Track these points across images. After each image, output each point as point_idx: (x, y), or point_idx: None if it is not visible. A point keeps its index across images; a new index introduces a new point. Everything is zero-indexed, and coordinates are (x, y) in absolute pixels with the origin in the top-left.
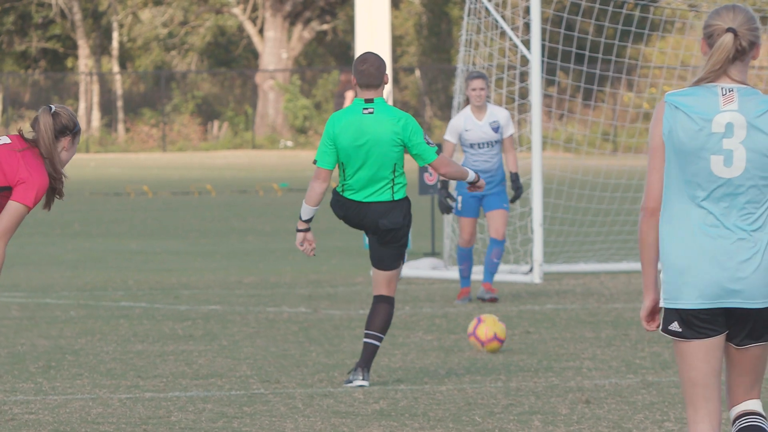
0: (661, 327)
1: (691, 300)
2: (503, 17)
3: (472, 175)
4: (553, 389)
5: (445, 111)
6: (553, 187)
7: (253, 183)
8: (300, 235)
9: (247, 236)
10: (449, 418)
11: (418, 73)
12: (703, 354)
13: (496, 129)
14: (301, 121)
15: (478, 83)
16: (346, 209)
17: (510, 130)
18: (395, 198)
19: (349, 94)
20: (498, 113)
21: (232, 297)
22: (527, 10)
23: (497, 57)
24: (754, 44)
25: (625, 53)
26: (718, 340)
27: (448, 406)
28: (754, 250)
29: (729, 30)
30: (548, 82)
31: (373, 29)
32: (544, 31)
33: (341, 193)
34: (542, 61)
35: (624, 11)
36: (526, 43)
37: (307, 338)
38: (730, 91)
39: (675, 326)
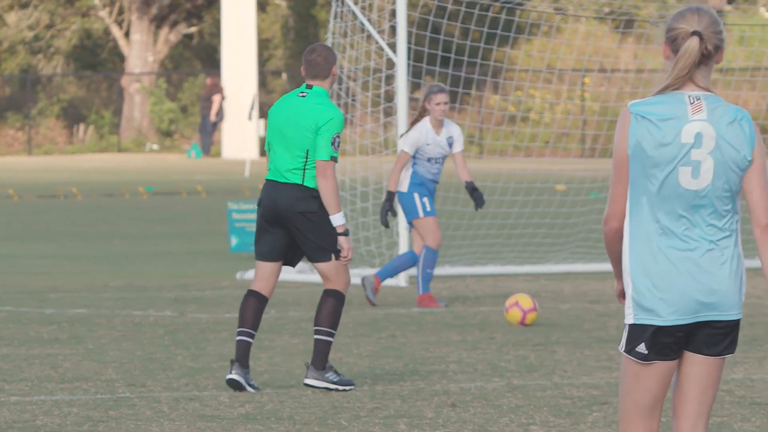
0: (623, 347)
1: (667, 316)
2: (369, 20)
3: (340, 219)
4: (419, 393)
5: None
6: None
7: (119, 186)
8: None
9: (113, 239)
10: (315, 421)
11: (285, 76)
12: (660, 376)
13: (451, 144)
14: (166, 125)
15: (442, 97)
16: (264, 191)
17: (461, 145)
18: (305, 184)
19: (216, 98)
20: (452, 129)
21: (99, 300)
22: (393, 14)
23: (363, 60)
24: (718, 48)
25: (491, 56)
26: (675, 364)
27: (314, 410)
28: (722, 260)
29: (694, 33)
30: (414, 85)
31: (239, 32)
32: (410, 34)
33: (267, 177)
34: (408, 64)
35: (490, 14)
36: (392, 46)
37: (174, 342)
38: (698, 100)
39: (642, 348)
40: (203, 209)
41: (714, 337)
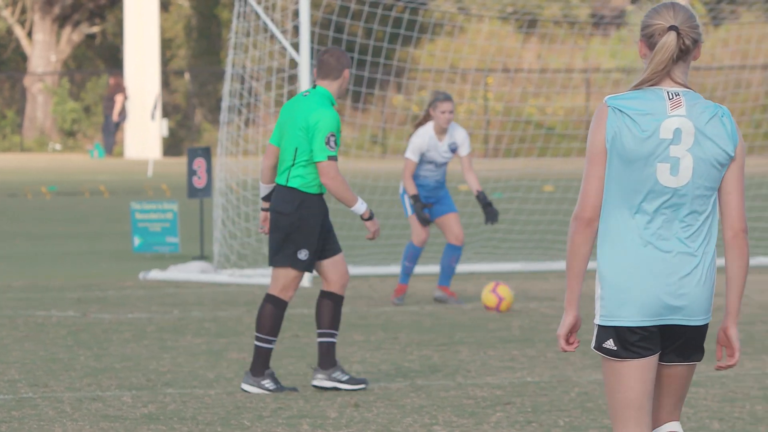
0: (594, 344)
1: (631, 317)
2: (272, 20)
3: (360, 208)
4: (322, 393)
5: (215, 114)
6: None
7: (22, 186)
8: (261, 214)
9: (16, 239)
10: (218, 421)
11: (187, 75)
12: (639, 374)
13: (454, 150)
14: (69, 125)
15: (448, 106)
16: None
17: (467, 148)
18: (288, 185)
19: (119, 98)
20: (456, 134)
21: (1, 300)
22: (296, 13)
23: (267, 60)
24: (696, 42)
25: (394, 56)
26: (654, 359)
27: (217, 410)
28: (694, 263)
29: (671, 28)
30: None
31: (142, 32)
32: (313, 34)
33: None
34: (311, 64)
35: (393, 14)
36: (296, 46)
37: (76, 342)
38: (676, 95)
39: (610, 344)
40: (106, 209)
41: (679, 341)
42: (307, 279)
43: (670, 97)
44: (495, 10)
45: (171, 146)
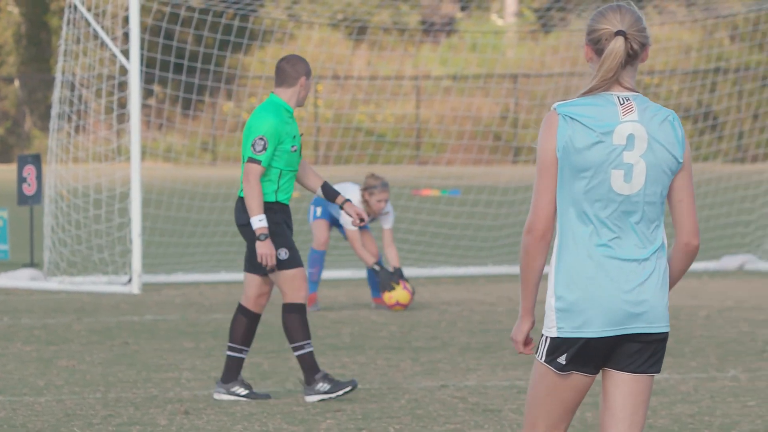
0: (543, 358)
1: (593, 328)
2: (103, 27)
3: (255, 223)
4: (152, 400)
5: (45, 121)
6: (152, 197)
7: None
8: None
9: None
10: (48, 429)
11: (17, 82)
12: (577, 389)
13: (373, 219)
14: None
15: (385, 195)
16: None
17: (390, 223)
18: (239, 194)
19: None
20: (387, 209)
21: None
22: (126, 20)
23: (97, 67)
24: (644, 46)
25: (224, 63)
26: (593, 377)
27: (47, 418)
28: (650, 269)
29: (618, 33)
30: (147, 92)
31: None
32: (143, 40)
33: None
34: (141, 71)
35: (223, 21)
36: (126, 53)
37: None
38: (627, 100)
39: (562, 359)
40: None
41: (639, 351)
42: (136, 285)
43: (621, 102)
44: (325, 17)
45: (1, 153)
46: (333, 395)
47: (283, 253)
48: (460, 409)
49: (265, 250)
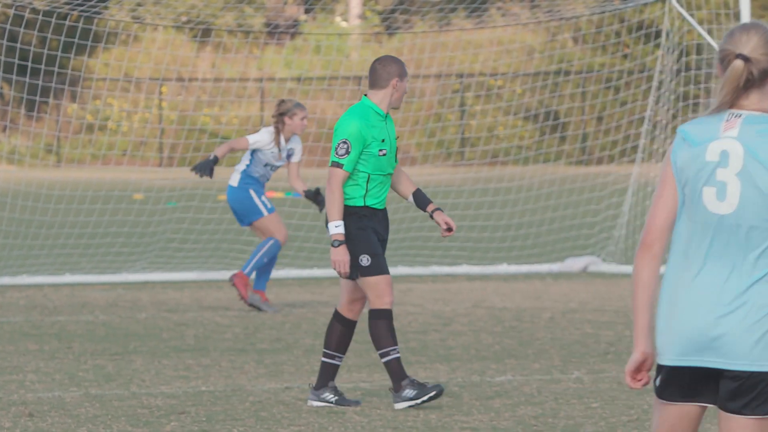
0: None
1: (670, 356)
2: None
3: (332, 229)
4: None
5: None
6: None
7: None
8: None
9: None
10: None
11: None
12: (679, 421)
13: (290, 156)
14: None
15: (305, 113)
16: None
17: (299, 157)
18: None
19: None
20: (294, 142)
21: None
22: None
23: None
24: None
25: (68, 65)
26: (699, 409)
27: None
28: (742, 300)
29: (739, 56)
30: None
31: None
32: None
33: None
34: None
35: (67, 23)
36: None
37: None
38: (736, 117)
39: (658, 380)
40: None
41: (732, 390)
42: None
43: (728, 119)
44: (169, 19)
45: None
46: (419, 401)
47: (365, 260)
48: (304, 411)
49: (337, 257)
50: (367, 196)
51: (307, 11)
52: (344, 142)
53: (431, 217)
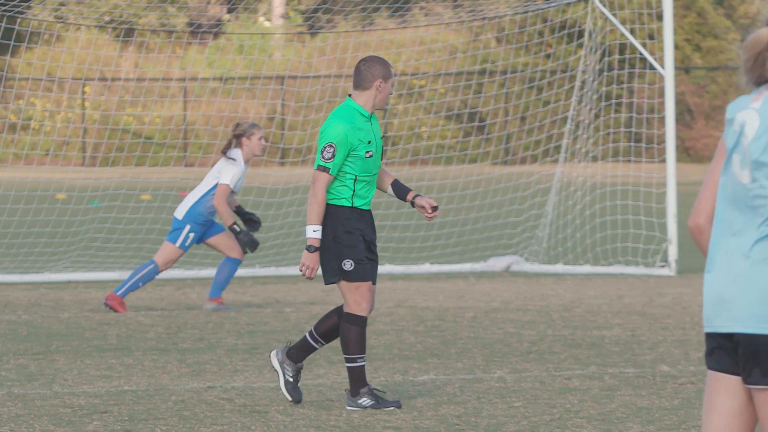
0: None
1: (706, 323)
2: None
3: (308, 232)
4: None
5: None
6: None
7: None
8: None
9: None
10: None
11: None
12: (724, 394)
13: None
14: None
15: (262, 132)
16: None
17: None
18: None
19: None
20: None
21: None
22: None
23: None
24: None
25: None
26: (734, 383)
27: None
28: (748, 262)
29: None
30: None
31: None
32: None
33: None
34: None
35: None
36: None
37: None
38: (765, 89)
39: (706, 352)
40: None
41: (744, 356)
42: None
43: (760, 90)
44: (92, 19)
45: None
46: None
47: (348, 265)
48: (227, 410)
49: (308, 262)
50: (354, 197)
51: (230, 11)
52: (330, 146)
53: (412, 204)
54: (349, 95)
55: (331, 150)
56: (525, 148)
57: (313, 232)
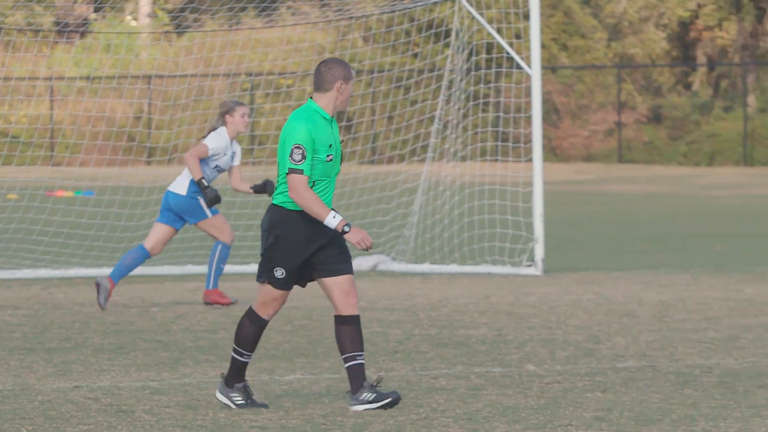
0: None
1: None
2: None
3: (332, 222)
4: None
5: None
6: None
7: None
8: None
9: None
10: None
11: None
12: None
13: (233, 157)
14: None
15: (246, 110)
16: None
17: (239, 160)
18: (273, 201)
19: None
20: (235, 144)
21: None
22: None
23: None
24: None
25: None
26: None
27: None
28: None
29: None
30: None
31: None
32: None
33: None
34: None
35: None
36: None
37: None
38: None
39: None
40: None
41: None
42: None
43: None
44: None
45: None
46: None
47: (279, 273)
48: (93, 410)
49: (356, 237)
50: None
51: (96, 10)
52: (298, 147)
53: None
54: (311, 97)
55: (300, 151)
56: (392, 147)
57: (333, 219)
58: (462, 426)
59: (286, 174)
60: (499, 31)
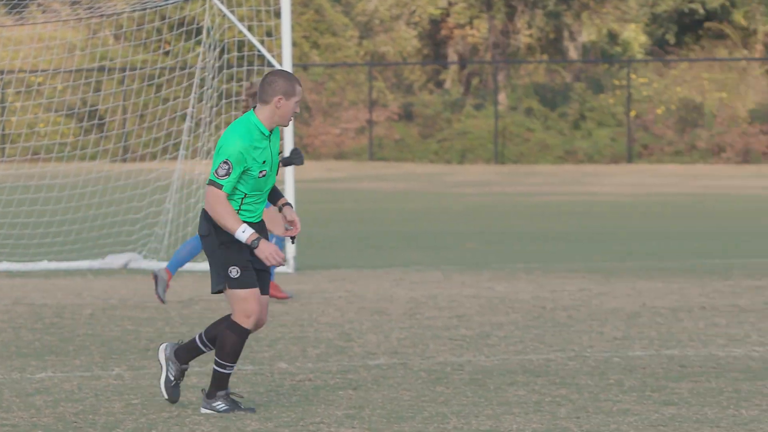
0: None
1: None
2: None
3: (240, 237)
4: None
5: None
6: None
7: None
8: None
9: None
10: None
11: None
12: None
13: None
14: None
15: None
16: None
17: None
18: (205, 207)
19: None
20: None
21: None
22: None
23: None
24: None
25: None
26: None
27: None
28: None
29: None
30: None
31: None
32: None
33: None
34: None
35: None
36: None
37: None
38: None
39: None
40: None
41: None
42: None
43: None
44: None
45: None
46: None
47: (234, 272)
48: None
49: (265, 252)
50: (240, 212)
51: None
52: (226, 163)
53: (280, 210)
54: (254, 107)
55: (226, 167)
56: (144, 145)
57: (243, 233)
58: (213, 424)
59: (207, 183)
60: (250, 28)
